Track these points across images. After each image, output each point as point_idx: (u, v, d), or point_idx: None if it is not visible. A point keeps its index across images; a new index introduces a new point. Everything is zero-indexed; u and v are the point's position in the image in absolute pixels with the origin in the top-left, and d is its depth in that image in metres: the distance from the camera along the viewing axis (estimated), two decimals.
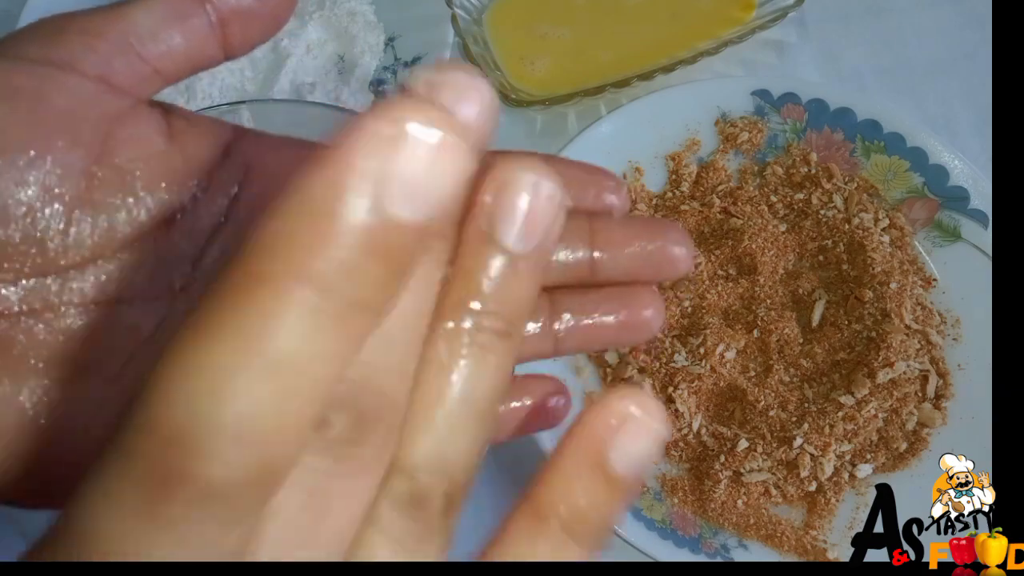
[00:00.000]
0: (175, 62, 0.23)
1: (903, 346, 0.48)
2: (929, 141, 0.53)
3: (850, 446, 0.47)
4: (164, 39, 0.22)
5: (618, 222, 0.25)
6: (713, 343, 0.48)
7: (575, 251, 0.24)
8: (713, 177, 0.54)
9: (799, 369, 0.49)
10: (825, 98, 0.55)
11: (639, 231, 0.25)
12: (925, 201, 0.53)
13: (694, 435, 0.47)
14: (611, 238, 0.24)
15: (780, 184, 0.54)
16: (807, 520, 0.46)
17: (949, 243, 0.52)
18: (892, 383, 0.47)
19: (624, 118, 0.54)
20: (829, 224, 0.52)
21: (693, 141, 0.55)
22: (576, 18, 0.60)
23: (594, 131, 0.53)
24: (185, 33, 0.22)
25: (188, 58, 0.23)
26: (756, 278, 0.50)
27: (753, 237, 0.51)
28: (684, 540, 0.45)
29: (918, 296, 0.50)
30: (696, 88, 0.56)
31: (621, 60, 0.58)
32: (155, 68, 0.22)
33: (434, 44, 0.57)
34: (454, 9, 0.57)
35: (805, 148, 0.55)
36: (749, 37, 0.57)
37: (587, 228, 0.24)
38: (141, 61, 0.22)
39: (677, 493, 0.46)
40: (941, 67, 0.62)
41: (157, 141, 0.22)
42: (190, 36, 0.22)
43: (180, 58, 0.23)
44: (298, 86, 0.56)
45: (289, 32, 0.57)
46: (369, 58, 0.58)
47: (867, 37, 0.63)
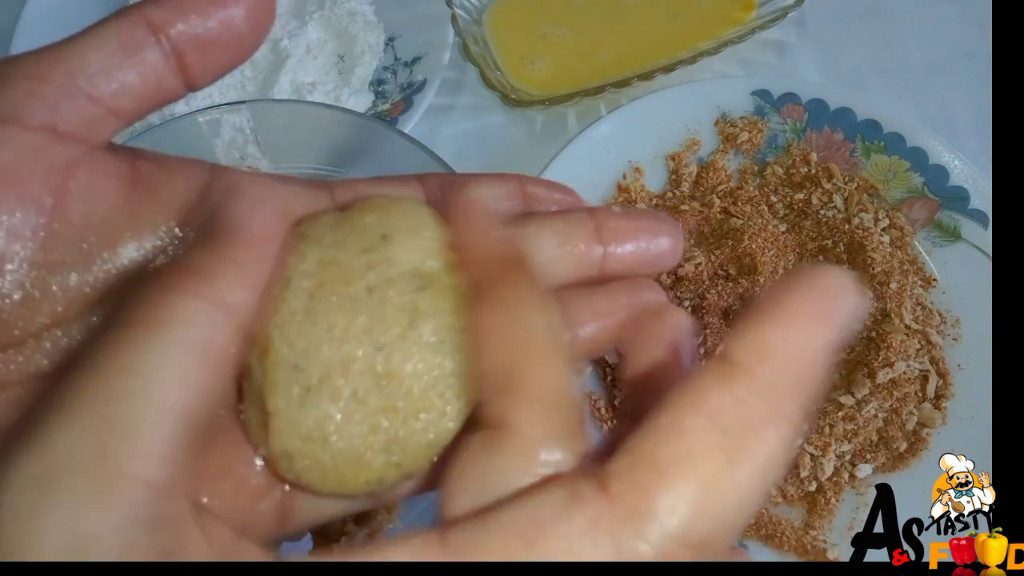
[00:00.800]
0: (133, 99, 0.21)
1: (903, 346, 0.48)
2: (929, 141, 0.53)
3: (850, 446, 0.47)
4: (116, 76, 0.21)
5: (619, 215, 0.24)
6: (713, 343, 0.48)
7: (591, 249, 0.24)
8: (713, 177, 0.54)
9: None
10: (825, 98, 0.55)
11: (640, 225, 0.24)
12: (925, 201, 0.53)
13: None
14: (617, 233, 0.24)
15: (780, 184, 0.54)
16: (807, 520, 0.46)
17: (949, 243, 0.52)
18: (892, 383, 0.47)
19: (624, 118, 0.54)
20: (829, 224, 0.52)
21: (693, 141, 0.55)
22: (576, 18, 0.60)
23: (594, 131, 0.53)
24: (139, 68, 0.21)
25: (146, 94, 0.21)
26: (756, 278, 0.50)
27: (753, 237, 0.51)
28: None
29: (918, 296, 0.50)
30: (696, 88, 0.56)
31: (621, 60, 0.58)
32: (109, 108, 0.21)
33: (434, 44, 0.57)
34: (454, 9, 0.57)
35: (805, 148, 0.55)
36: (749, 37, 0.57)
37: (592, 224, 0.24)
38: (92, 103, 0.21)
39: None
40: (941, 67, 0.62)
41: (118, 189, 0.21)
42: (145, 70, 0.21)
43: (137, 95, 0.21)
44: (298, 86, 0.56)
45: (289, 32, 0.57)
46: (369, 58, 0.58)
47: (867, 37, 0.63)
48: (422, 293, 0.20)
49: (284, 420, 0.20)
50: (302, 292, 0.20)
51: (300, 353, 0.20)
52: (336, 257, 0.21)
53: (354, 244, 0.21)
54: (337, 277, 0.21)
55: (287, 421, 0.20)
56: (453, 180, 0.25)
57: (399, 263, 0.21)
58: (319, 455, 0.20)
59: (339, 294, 0.20)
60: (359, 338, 0.20)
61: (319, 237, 0.21)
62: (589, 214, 0.24)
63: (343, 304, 0.20)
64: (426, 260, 0.21)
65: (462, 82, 0.60)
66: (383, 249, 0.21)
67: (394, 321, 0.20)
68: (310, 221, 0.22)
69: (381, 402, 0.20)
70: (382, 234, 0.21)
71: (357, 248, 0.21)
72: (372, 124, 0.46)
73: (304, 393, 0.20)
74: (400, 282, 0.21)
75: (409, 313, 0.20)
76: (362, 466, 0.20)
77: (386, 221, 0.22)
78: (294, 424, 0.20)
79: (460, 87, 0.60)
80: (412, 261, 0.21)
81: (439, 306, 0.20)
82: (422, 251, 0.21)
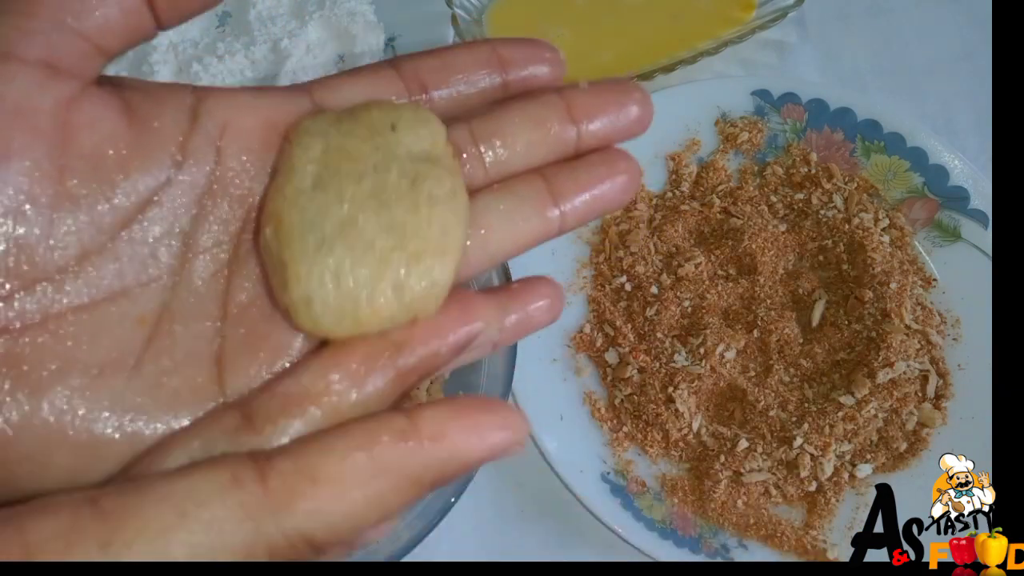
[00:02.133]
0: (115, 36, 0.21)
1: (903, 346, 0.48)
2: (929, 141, 0.53)
3: (850, 446, 0.47)
4: (100, 13, 0.21)
5: (588, 92, 0.26)
6: (713, 343, 0.48)
7: (564, 130, 0.25)
8: (713, 177, 0.54)
9: (799, 369, 0.49)
10: (825, 98, 0.55)
11: (608, 98, 0.26)
12: (925, 201, 0.53)
13: (694, 435, 0.47)
14: (587, 110, 0.25)
15: (780, 184, 0.54)
16: (807, 520, 0.46)
17: (949, 243, 0.52)
18: (892, 383, 0.47)
19: None
20: (829, 224, 0.52)
21: (693, 141, 0.55)
22: (576, 18, 0.60)
23: None
24: (119, 4, 0.21)
25: (125, 30, 0.21)
26: (756, 278, 0.50)
27: (753, 237, 0.51)
28: (684, 540, 0.45)
29: (918, 296, 0.50)
30: (696, 88, 0.56)
31: (621, 60, 0.58)
32: (96, 44, 0.21)
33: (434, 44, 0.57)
34: (454, 9, 0.57)
35: (805, 148, 0.55)
36: (749, 37, 0.57)
37: (563, 105, 0.25)
38: (80, 39, 0.21)
39: (677, 493, 0.46)
40: (941, 67, 0.62)
41: (118, 121, 0.21)
42: (125, 6, 0.21)
43: (118, 30, 0.21)
44: None
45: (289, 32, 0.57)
46: (369, 58, 0.58)
47: (867, 37, 0.63)
48: (425, 163, 0.23)
49: (302, 267, 0.21)
50: (308, 175, 0.22)
51: (311, 216, 0.22)
52: (344, 144, 0.23)
53: (362, 132, 0.23)
54: (344, 157, 0.22)
55: (305, 268, 0.21)
56: (426, 60, 0.25)
57: (407, 146, 0.23)
58: (335, 299, 0.21)
59: (346, 171, 0.22)
60: (365, 200, 0.22)
61: (323, 131, 0.23)
62: (559, 95, 0.25)
63: (351, 175, 0.22)
64: (432, 148, 0.23)
65: None
66: (390, 136, 0.23)
67: (397, 184, 0.22)
68: (311, 119, 0.23)
69: (389, 248, 0.22)
70: (391, 124, 0.23)
71: (365, 134, 0.23)
72: None
73: (319, 243, 0.21)
74: (406, 160, 0.23)
75: (411, 178, 0.22)
76: (375, 308, 0.21)
77: (394, 114, 0.23)
78: (311, 270, 0.21)
79: None
80: (419, 146, 0.23)
81: (439, 173, 0.23)
82: (429, 140, 0.23)
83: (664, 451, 0.48)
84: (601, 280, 0.52)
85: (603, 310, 0.50)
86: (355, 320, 0.21)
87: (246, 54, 0.57)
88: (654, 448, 0.47)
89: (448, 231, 0.22)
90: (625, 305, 0.51)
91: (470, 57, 0.25)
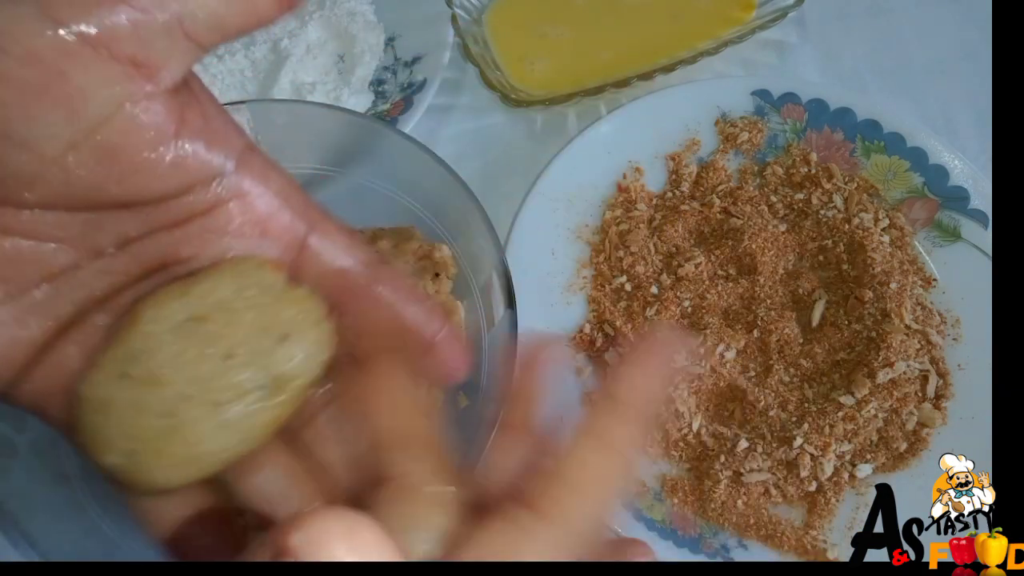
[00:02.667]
0: (222, 33, 0.20)
1: (903, 346, 0.48)
2: (929, 141, 0.53)
3: (850, 446, 0.47)
4: (222, 11, 0.20)
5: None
6: (713, 343, 0.48)
7: None
8: (713, 177, 0.54)
9: (799, 369, 0.49)
10: (825, 98, 0.55)
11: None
12: (925, 201, 0.53)
13: (694, 435, 0.47)
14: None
15: (780, 184, 0.54)
16: (807, 520, 0.46)
17: (949, 243, 0.52)
18: (892, 383, 0.47)
19: (624, 118, 0.54)
20: (829, 224, 0.52)
21: (693, 141, 0.55)
22: (576, 18, 0.60)
23: (594, 131, 0.53)
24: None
25: (240, 24, 0.20)
26: (756, 278, 0.50)
27: (753, 237, 0.51)
28: (684, 540, 0.45)
29: (918, 296, 0.50)
30: (696, 88, 0.56)
31: (621, 60, 0.58)
32: (199, 44, 0.20)
33: (434, 44, 0.57)
34: (454, 9, 0.57)
35: (805, 148, 0.55)
36: (749, 37, 0.57)
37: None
38: (186, 39, 0.20)
39: (677, 493, 0.46)
40: (941, 67, 0.61)
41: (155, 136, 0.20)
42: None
43: (231, 25, 0.20)
44: (298, 86, 0.56)
45: (289, 32, 0.57)
46: (369, 58, 0.58)
47: (867, 37, 0.63)
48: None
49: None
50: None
51: (136, 354, 0.23)
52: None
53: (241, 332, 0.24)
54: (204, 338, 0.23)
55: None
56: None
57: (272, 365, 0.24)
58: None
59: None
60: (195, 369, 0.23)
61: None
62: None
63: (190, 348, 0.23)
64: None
65: (462, 82, 0.60)
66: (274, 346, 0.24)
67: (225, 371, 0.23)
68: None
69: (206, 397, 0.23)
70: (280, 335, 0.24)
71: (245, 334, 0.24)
72: (372, 124, 0.47)
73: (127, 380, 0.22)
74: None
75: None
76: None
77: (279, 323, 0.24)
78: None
79: (460, 87, 0.60)
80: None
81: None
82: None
83: (664, 451, 0.48)
84: (601, 280, 0.52)
85: (603, 310, 0.50)
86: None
87: (246, 54, 0.57)
88: (654, 448, 0.47)
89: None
90: (625, 305, 0.51)
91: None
